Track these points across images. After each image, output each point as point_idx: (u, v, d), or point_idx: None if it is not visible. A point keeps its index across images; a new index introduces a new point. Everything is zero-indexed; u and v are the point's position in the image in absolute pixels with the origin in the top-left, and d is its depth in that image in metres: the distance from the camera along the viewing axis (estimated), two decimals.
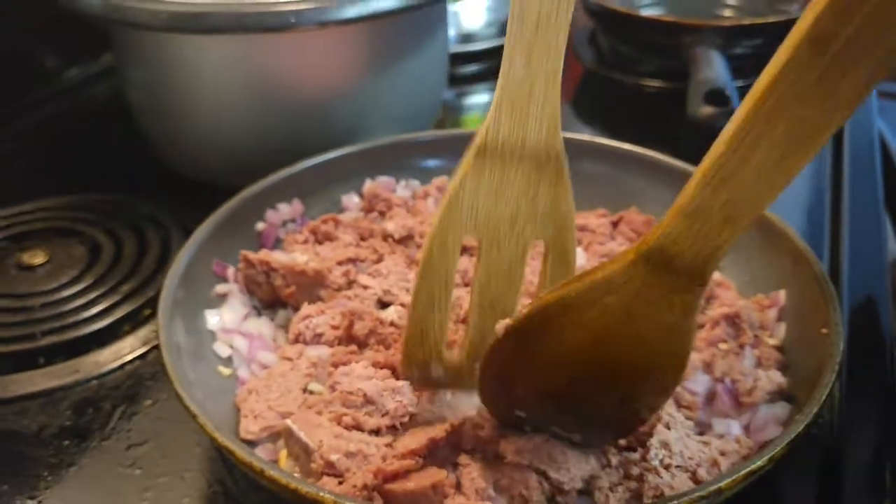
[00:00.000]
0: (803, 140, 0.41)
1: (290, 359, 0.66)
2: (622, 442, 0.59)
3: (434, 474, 0.55)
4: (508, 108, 0.52)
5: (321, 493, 0.47)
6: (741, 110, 0.41)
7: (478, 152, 0.54)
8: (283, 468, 0.57)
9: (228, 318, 0.71)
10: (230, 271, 0.75)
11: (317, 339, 0.68)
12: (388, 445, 0.57)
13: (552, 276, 0.59)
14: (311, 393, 0.63)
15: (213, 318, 0.70)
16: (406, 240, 0.80)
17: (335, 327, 0.68)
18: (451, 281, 0.57)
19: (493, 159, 0.54)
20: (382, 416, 0.59)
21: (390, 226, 0.81)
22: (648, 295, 0.48)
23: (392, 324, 0.68)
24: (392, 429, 0.59)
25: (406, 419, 0.60)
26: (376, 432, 0.59)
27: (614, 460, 0.58)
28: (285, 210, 0.83)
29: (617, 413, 0.55)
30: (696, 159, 0.45)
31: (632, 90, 1.27)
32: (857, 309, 0.76)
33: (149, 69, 0.94)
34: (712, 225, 0.44)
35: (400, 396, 0.60)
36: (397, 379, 0.61)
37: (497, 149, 0.53)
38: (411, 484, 0.53)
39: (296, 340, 0.68)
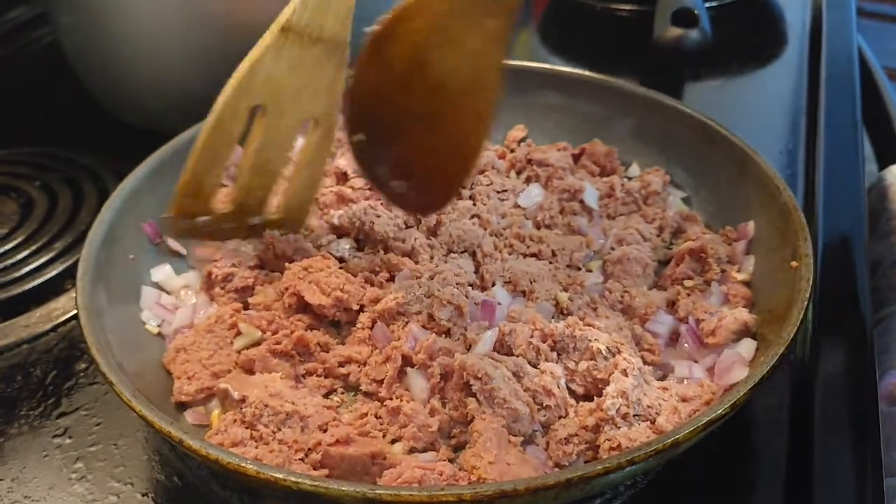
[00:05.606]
0: None
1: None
2: (579, 391, 0.56)
3: (375, 444, 0.51)
4: None
5: (243, 464, 0.43)
6: None
7: (282, 29, 0.59)
8: (213, 432, 0.53)
9: (160, 276, 0.67)
10: None
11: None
12: (328, 408, 0.54)
13: (316, 149, 0.66)
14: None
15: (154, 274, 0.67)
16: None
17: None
18: (234, 142, 0.63)
19: (294, 38, 0.60)
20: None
21: (342, 162, 0.76)
22: (466, 7, 0.51)
23: None
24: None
25: None
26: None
27: (571, 411, 0.54)
28: None
29: (439, 151, 0.58)
30: (663, 85, 0.40)
31: (602, 15, 1.19)
32: (832, 239, 0.71)
33: (80, 11, 0.87)
34: None
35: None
36: None
37: (299, 30, 0.60)
38: (351, 449, 0.50)
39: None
